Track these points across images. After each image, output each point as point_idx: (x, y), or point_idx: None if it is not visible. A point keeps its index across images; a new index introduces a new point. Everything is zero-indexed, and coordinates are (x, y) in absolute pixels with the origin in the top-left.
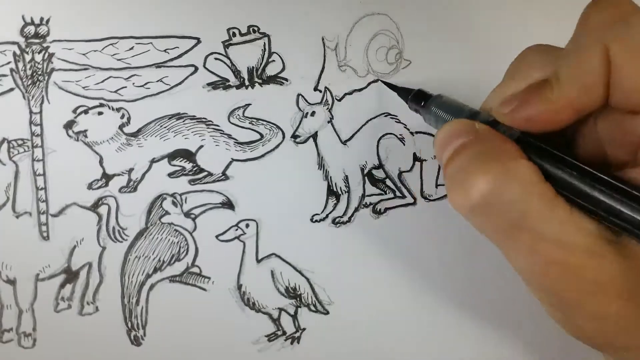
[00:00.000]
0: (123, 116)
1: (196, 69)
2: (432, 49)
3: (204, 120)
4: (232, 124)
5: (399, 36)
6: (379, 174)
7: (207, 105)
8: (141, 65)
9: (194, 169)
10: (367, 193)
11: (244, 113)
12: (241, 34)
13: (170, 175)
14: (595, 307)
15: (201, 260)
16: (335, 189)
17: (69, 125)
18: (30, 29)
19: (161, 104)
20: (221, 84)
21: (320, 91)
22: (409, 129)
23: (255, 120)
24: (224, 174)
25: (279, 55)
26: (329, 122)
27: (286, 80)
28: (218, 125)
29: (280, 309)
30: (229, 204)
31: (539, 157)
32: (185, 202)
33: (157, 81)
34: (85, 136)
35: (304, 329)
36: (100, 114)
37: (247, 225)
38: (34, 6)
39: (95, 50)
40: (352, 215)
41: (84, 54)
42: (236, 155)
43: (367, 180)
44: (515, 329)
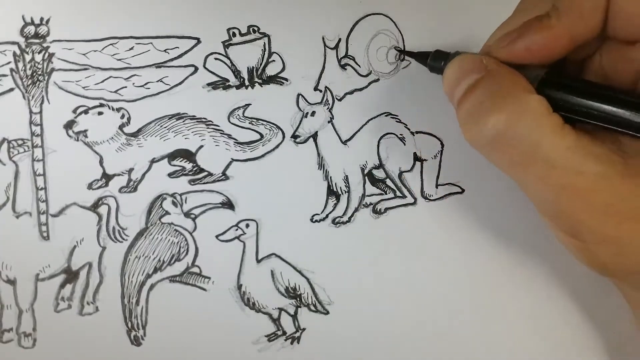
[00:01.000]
0: (123, 116)
1: (196, 69)
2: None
3: (204, 120)
4: (232, 124)
5: (399, 36)
6: (379, 173)
7: (207, 105)
8: (141, 65)
9: (194, 169)
10: (368, 193)
11: (244, 113)
12: (241, 34)
13: (170, 175)
14: (608, 229)
15: (201, 260)
16: (335, 189)
17: (69, 125)
18: (30, 29)
19: (161, 104)
20: (221, 84)
21: (320, 91)
22: (409, 129)
23: (255, 120)
24: (224, 174)
25: (279, 55)
26: (329, 122)
27: (286, 80)
28: (218, 125)
29: (280, 309)
30: (229, 204)
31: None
32: (185, 202)
33: (157, 81)
34: (86, 136)
35: (304, 329)
36: (100, 114)
37: (247, 225)
38: (34, 6)
39: (95, 50)
40: (352, 215)
41: (84, 54)
42: (236, 155)
43: (368, 180)
44: (515, 329)
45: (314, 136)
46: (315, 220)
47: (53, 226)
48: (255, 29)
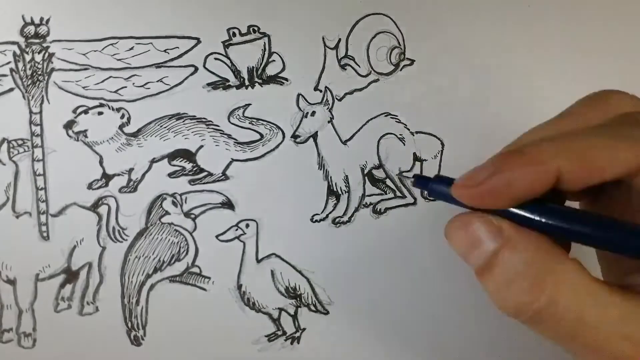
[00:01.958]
0: (123, 116)
1: (196, 69)
2: (434, 49)
3: (204, 120)
4: (232, 124)
5: (400, 36)
6: (379, 173)
7: (207, 105)
8: (141, 65)
9: (194, 169)
10: (368, 193)
11: (244, 113)
12: (241, 34)
13: (170, 175)
14: None
15: (201, 260)
16: (335, 189)
17: (69, 125)
18: (30, 29)
19: (161, 104)
20: (221, 84)
21: (320, 91)
22: (409, 129)
23: (255, 120)
24: (224, 174)
25: (279, 55)
26: (329, 122)
27: (286, 80)
28: (218, 125)
29: (280, 309)
30: (229, 204)
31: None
32: (185, 202)
33: (157, 81)
34: (86, 136)
35: (304, 329)
36: (100, 114)
37: (247, 225)
38: (34, 6)
39: (95, 50)
40: (353, 215)
41: (84, 54)
42: (236, 155)
43: (368, 180)
44: (514, 329)
45: (314, 136)
46: (316, 220)
47: (53, 226)
48: (255, 28)
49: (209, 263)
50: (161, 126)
